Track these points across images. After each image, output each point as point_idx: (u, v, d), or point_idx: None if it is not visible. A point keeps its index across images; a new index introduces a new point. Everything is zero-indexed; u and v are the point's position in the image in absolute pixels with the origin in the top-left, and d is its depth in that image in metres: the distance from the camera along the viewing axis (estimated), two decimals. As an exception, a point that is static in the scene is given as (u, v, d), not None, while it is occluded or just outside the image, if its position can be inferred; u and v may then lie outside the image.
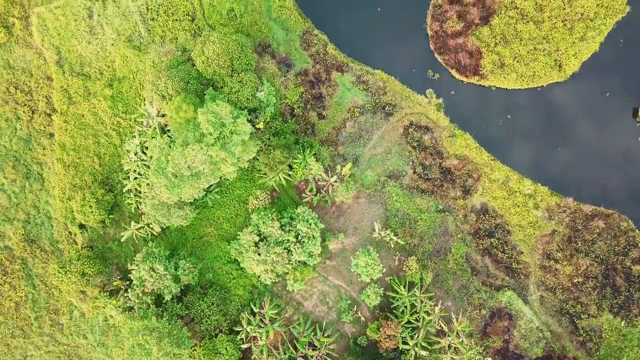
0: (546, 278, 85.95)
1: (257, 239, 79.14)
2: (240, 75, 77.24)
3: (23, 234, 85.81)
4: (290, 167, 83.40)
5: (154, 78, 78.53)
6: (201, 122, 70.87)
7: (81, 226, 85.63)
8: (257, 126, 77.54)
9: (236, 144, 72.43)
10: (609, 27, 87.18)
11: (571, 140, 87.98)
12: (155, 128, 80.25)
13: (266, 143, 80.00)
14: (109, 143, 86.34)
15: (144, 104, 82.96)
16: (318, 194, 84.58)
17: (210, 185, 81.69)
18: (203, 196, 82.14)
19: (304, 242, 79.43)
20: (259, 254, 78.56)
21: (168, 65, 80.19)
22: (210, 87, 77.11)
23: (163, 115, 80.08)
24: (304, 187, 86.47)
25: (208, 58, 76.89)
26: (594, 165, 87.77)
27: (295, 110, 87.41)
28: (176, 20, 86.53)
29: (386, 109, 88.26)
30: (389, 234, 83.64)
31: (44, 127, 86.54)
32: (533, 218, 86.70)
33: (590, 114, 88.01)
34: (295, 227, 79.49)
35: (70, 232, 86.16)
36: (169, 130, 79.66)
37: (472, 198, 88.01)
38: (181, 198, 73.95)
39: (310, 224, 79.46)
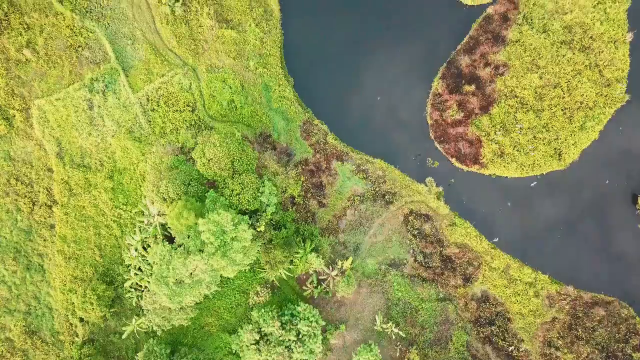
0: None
1: (257, 337, 79.15)
2: (242, 176, 77.45)
3: (24, 326, 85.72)
4: (291, 261, 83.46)
5: (155, 179, 78.62)
6: (202, 231, 70.94)
7: (82, 318, 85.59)
8: (258, 229, 77.63)
9: (237, 251, 72.52)
10: (608, 116, 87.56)
11: (571, 228, 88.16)
12: (156, 226, 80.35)
13: (266, 243, 80.00)
14: (110, 234, 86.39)
15: (144, 201, 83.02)
16: (319, 286, 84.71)
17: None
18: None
19: (304, 340, 79.49)
20: (260, 352, 78.56)
21: (169, 165, 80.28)
22: (212, 190, 77.17)
23: (164, 214, 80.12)
24: (305, 278, 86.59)
25: (209, 160, 77.02)
26: (595, 252, 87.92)
27: (295, 199, 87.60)
28: (177, 111, 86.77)
29: (386, 197, 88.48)
30: (390, 326, 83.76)
31: (45, 218, 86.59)
32: (534, 306, 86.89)
33: (590, 201, 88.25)
34: (297, 325, 79.54)
35: (71, 324, 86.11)
36: (169, 228, 79.74)
37: (472, 286, 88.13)
38: (182, 304, 73.97)
39: (311, 322, 79.53)
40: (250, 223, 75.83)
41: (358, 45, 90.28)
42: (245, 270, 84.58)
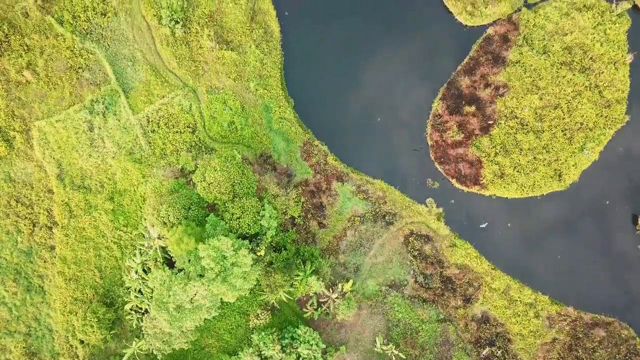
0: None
1: (258, 360, 79.33)
2: (242, 200, 77.46)
3: (24, 347, 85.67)
4: (292, 283, 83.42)
5: (155, 203, 78.63)
6: (202, 257, 70.99)
7: (82, 340, 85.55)
8: (259, 253, 77.68)
9: (237, 276, 72.57)
10: (609, 137, 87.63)
11: (571, 248, 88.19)
12: (156, 249, 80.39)
13: (267, 266, 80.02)
14: (110, 256, 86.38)
15: (145, 223, 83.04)
16: (319, 308, 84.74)
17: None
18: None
19: (305, 363, 79.59)
20: (261, 376, 78.73)
21: (169, 189, 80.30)
22: (212, 214, 77.18)
23: (164, 237, 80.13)
24: (305, 299, 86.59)
25: (209, 184, 77.06)
26: (595, 273, 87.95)
27: (296, 220, 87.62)
28: (177, 132, 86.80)
29: (386, 218, 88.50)
30: (390, 348, 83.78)
31: (45, 240, 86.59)
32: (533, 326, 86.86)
33: (590, 221, 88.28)
34: (297, 348, 79.57)
35: (71, 346, 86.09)
36: (169, 251, 79.73)
37: (472, 307, 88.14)
38: (182, 329, 74.00)
39: (311, 345, 79.56)
40: (250, 248, 75.83)
41: (358, 67, 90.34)
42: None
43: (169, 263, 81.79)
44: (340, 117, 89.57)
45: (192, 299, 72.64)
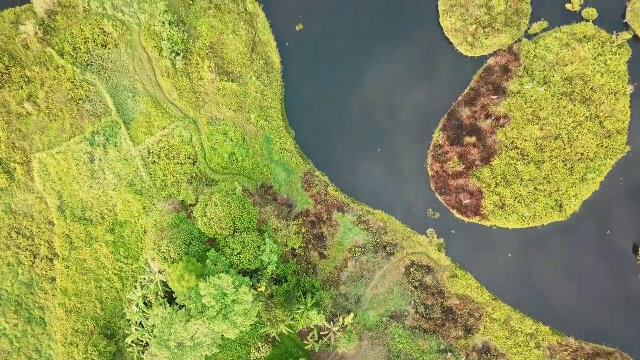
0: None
1: (259, 393, 79.28)
2: (242, 235, 77.42)
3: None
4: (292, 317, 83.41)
5: (156, 238, 78.60)
6: (203, 295, 70.94)
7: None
8: (259, 289, 77.63)
9: (238, 314, 72.52)
10: (609, 167, 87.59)
11: (572, 278, 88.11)
12: (157, 283, 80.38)
13: (267, 299, 79.96)
14: (111, 287, 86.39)
15: (145, 255, 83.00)
16: (320, 340, 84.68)
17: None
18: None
19: (306, 397, 79.58)
20: (262, 409, 78.70)
21: (170, 223, 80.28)
22: (212, 249, 77.16)
23: (164, 272, 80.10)
24: (306, 331, 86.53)
25: (210, 219, 77.04)
26: (595, 302, 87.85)
27: (296, 251, 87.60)
28: (178, 163, 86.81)
29: (387, 248, 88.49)
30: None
31: (46, 271, 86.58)
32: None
33: (591, 251, 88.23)
34: (298, 382, 79.65)
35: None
36: (168, 286, 79.72)
37: (473, 337, 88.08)
38: (183, 365, 73.95)
39: (312, 379, 79.57)
40: (251, 284, 75.80)
41: (358, 97, 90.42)
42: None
43: (170, 296, 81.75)
44: (341, 147, 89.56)
45: (192, 336, 72.58)
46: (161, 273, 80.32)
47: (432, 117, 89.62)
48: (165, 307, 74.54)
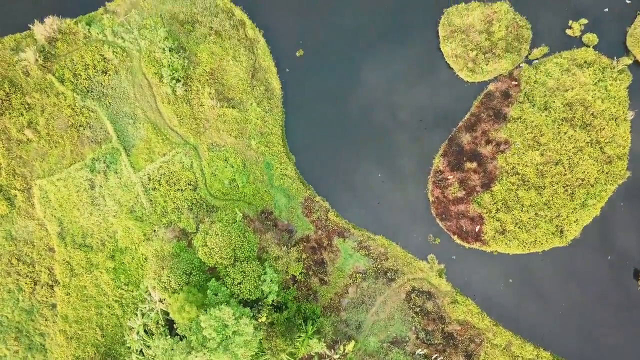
0: None
1: (260, 422, 79.17)
2: (243, 264, 77.38)
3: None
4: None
5: (157, 268, 78.56)
6: (204, 327, 70.88)
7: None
8: (260, 320, 77.56)
9: (239, 345, 72.43)
10: (610, 192, 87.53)
11: (573, 304, 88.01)
12: (158, 312, 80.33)
13: (268, 328, 79.90)
14: (112, 314, 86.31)
15: (146, 283, 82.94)
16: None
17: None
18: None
19: None
20: None
21: (170, 252, 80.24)
22: (213, 279, 77.10)
23: (165, 301, 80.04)
24: (307, 358, 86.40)
25: (211, 249, 77.01)
26: (597, 328, 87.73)
27: (297, 277, 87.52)
28: (178, 190, 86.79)
29: (388, 274, 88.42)
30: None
31: (46, 298, 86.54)
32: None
33: (592, 276, 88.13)
34: (299, 411, 79.56)
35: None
36: (170, 315, 79.65)
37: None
38: (184, 397, 73.86)
39: (313, 408, 79.49)
40: (251, 315, 75.74)
41: (359, 123, 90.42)
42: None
43: (171, 325, 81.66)
44: (342, 173, 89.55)
45: (193, 368, 72.52)
46: (162, 302, 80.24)
47: (432, 143, 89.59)
48: (166, 339, 74.46)
